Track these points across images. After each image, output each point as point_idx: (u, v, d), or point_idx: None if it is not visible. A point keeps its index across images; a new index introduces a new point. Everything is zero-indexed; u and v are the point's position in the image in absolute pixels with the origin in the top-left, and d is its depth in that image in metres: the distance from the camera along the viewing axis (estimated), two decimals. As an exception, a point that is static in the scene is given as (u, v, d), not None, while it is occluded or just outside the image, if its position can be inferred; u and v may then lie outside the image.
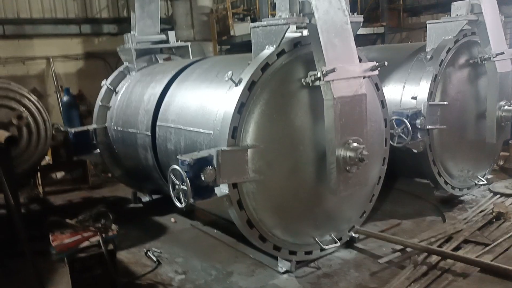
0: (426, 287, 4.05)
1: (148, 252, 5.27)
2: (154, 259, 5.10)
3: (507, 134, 6.67)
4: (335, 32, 4.30)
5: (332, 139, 4.26)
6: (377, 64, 4.57)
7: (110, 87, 6.92)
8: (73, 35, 11.81)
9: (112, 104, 6.80)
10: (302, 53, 4.49)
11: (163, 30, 11.37)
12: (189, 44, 7.72)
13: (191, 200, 3.80)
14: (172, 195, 3.95)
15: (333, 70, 4.08)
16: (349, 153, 4.25)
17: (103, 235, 4.04)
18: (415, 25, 14.22)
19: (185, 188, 3.76)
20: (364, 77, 4.50)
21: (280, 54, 4.37)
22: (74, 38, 11.83)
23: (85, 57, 12.03)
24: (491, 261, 4.32)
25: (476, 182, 6.67)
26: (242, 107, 4.13)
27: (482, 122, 6.35)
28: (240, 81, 4.18)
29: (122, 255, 5.30)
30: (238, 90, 4.14)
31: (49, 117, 6.73)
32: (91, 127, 6.85)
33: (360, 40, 13.45)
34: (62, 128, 7.86)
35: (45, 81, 11.46)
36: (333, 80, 4.17)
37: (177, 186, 3.87)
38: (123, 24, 12.10)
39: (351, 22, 4.51)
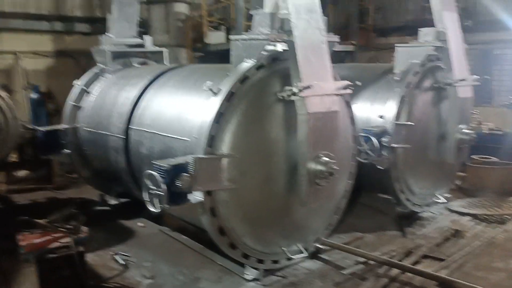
0: (386, 298, 4.26)
1: (116, 256, 5.25)
2: (122, 262, 5.09)
3: (464, 156, 7.11)
4: (312, 50, 4.50)
5: (304, 153, 4.44)
6: (350, 83, 4.81)
7: (83, 87, 6.86)
8: (44, 31, 11.55)
9: (84, 105, 6.74)
10: (280, 67, 4.66)
11: (139, 33, 11.33)
12: (166, 50, 7.76)
13: (166, 206, 3.86)
14: (146, 199, 3.99)
15: (308, 87, 4.26)
16: (319, 167, 4.45)
17: (74, 236, 4.02)
18: (384, 45, 14.75)
19: (161, 193, 3.82)
20: (337, 95, 4.73)
21: (259, 68, 4.53)
22: (44, 35, 11.58)
23: (55, 55, 11.78)
24: (447, 275, 4.58)
25: (436, 200, 7.03)
26: (220, 117, 4.24)
27: (443, 143, 6.72)
28: (219, 92, 4.29)
29: (89, 257, 5.20)
30: (217, 100, 4.25)
31: (16, 114, 6.58)
32: (62, 126, 6.75)
33: (331, 57, 13.78)
34: (29, 126, 7.71)
35: (12, 76, 11.13)
36: (307, 96, 4.36)
37: (152, 191, 3.91)
38: (96, 24, 11.95)
39: (328, 41, 4.75)
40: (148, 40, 7.70)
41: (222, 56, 4.75)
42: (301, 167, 4.47)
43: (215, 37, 12.73)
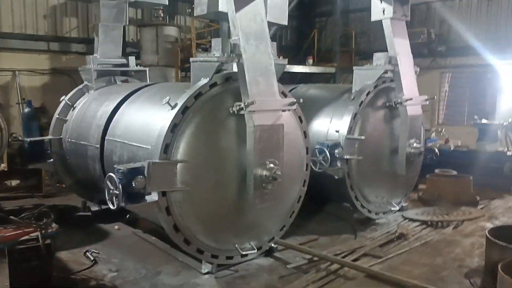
0: (320, 287, 4.82)
1: (87, 253, 5.83)
2: (92, 258, 5.66)
3: (417, 168, 7.71)
4: (260, 71, 5.17)
5: (251, 160, 5.06)
6: (295, 100, 5.47)
7: (69, 102, 7.55)
8: (41, 51, 12.32)
9: (69, 118, 7.41)
10: (232, 86, 5.31)
11: (131, 54, 12.10)
12: (147, 69, 8.49)
13: (122, 204, 4.47)
14: (107, 198, 4.60)
15: (253, 103, 4.91)
16: (265, 172, 5.06)
17: (42, 231, 4.61)
18: (365, 67, 15.52)
19: (117, 192, 4.43)
20: (283, 110, 5.37)
21: (213, 85, 5.19)
22: (42, 54, 12.34)
23: (51, 73, 12.52)
24: (379, 270, 5.14)
25: (391, 208, 7.60)
26: (175, 127, 4.88)
27: (395, 156, 7.32)
28: (175, 105, 4.94)
29: (63, 255, 5.82)
30: (172, 113, 4.90)
31: (6, 126, 7.22)
32: (47, 137, 7.41)
33: (315, 78, 14.63)
34: (20, 138, 8.38)
35: (9, 92, 11.85)
36: (254, 111, 5.01)
37: (111, 191, 4.53)
38: (91, 44, 12.63)
39: (276, 64, 5.43)
40: (131, 60, 8.43)
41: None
42: (249, 172, 5.09)
43: (204, 58, 13.44)
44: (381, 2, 7.12)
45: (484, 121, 10.76)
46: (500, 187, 9.38)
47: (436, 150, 10.11)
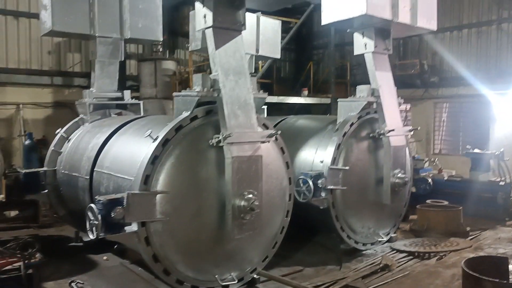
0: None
1: (72, 283, 5.93)
2: (76, 288, 5.78)
3: (403, 198, 7.78)
4: (238, 105, 5.39)
5: (229, 190, 5.21)
6: (273, 132, 5.66)
7: (64, 134, 7.83)
8: (45, 85, 12.79)
9: (63, 150, 7.67)
10: (213, 119, 5.53)
11: (131, 87, 12.46)
12: (141, 102, 8.79)
13: (102, 234, 4.62)
14: (87, 228, 4.76)
15: (230, 135, 5.11)
16: (243, 203, 5.20)
17: (26, 261, 4.76)
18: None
19: (97, 223, 4.59)
20: (262, 142, 5.56)
21: (194, 118, 5.41)
22: (45, 88, 12.80)
23: (54, 106, 12.93)
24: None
25: (379, 239, 7.63)
26: (155, 159, 5.08)
27: (381, 187, 7.41)
28: (156, 138, 5.16)
29: (50, 285, 5.93)
30: (153, 145, 5.11)
31: (2, 157, 7.48)
32: (41, 169, 7.65)
33: (313, 108, 14.89)
34: (19, 169, 8.62)
35: (13, 125, 12.24)
36: (232, 143, 5.20)
37: (91, 221, 4.69)
38: (93, 78, 13.17)
39: (256, 97, 5.67)
40: (126, 93, 8.75)
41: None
42: (227, 203, 5.23)
43: (201, 90, 13.82)
44: (363, 37, 7.39)
45: (476, 150, 10.82)
46: (493, 217, 9.37)
47: (430, 180, 10.22)
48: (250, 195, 5.25)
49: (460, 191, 10.06)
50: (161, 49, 13.35)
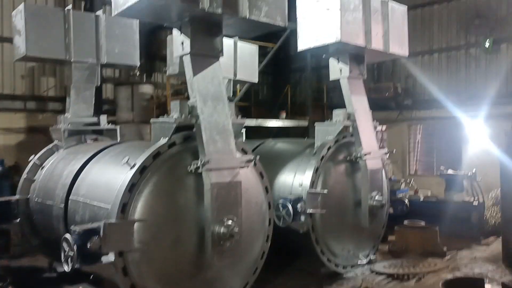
0: None
1: (45, 317, 5.71)
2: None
3: (381, 220, 7.85)
4: (217, 131, 5.39)
5: (208, 217, 5.16)
6: (252, 157, 5.67)
7: (37, 162, 7.64)
8: (18, 110, 12.53)
9: (37, 178, 7.46)
10: (192, 145, 5.50)
11: (108, 111, 12.31)
12: (117, 127, 8.67)
13: (77, 265, 4.48)
14: (62, 260, 4.61)
15: (208, 161, 5.09)
16: (222, 229, 5.14)
17: (-3, 295, 4.57)
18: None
19: (72, 254, 4.46)
20: (241, 167, 5.55)
21: (172, 145, 5.38)
22: (18, 113, 12.55)
23: (27, 131, 12.66)
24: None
25: (359, 262, 7.65)
26: (133, 187, 5.00)
27: (359, 209, 7.48)
28: (134, 165, 5.09)
29: (21, 319, 5.71)
30: (130, 173, 5.03)
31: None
32: (14, 197, 7.41)
33: (291, 131, 15.02)
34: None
35: (-18, 151, 11.92)
36: (211, 169, 5.18)
37: (66, 252, 4.55)
38: (68, 102, 12.97)
39: (234, 123, 5.68)
40: (102, 118, 8.62)
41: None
42: (207, 229, 5.17)
43: (179, 114, 13.79)
44: (338, 62, 7.56)
45: (450, 171, 11.09)
46: (468, 236, 9.55)
47: (406, 201, 10.37)
48: (230, 222, 5.20)
49: (436, 211, 10.23)
50: (138, 73, 13.33)
